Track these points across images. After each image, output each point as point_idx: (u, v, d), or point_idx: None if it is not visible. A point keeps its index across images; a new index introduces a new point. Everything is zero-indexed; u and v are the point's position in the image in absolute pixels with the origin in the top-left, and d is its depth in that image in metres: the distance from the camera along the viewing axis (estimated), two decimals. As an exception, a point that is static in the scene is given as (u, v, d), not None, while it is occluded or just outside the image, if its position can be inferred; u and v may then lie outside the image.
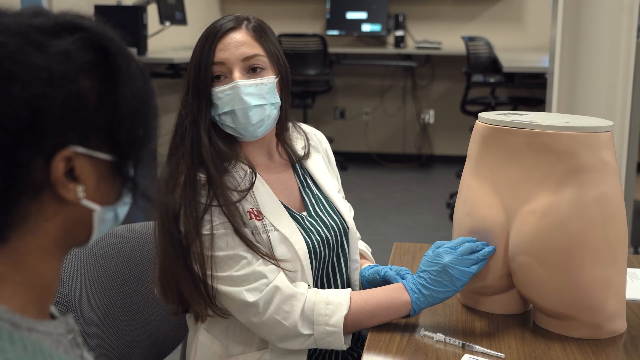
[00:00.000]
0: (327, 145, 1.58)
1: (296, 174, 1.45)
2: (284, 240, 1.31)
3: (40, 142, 0.66)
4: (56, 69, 0.66)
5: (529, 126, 1.25)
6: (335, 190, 1.50)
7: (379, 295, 1.29)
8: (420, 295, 1.27)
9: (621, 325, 1.28)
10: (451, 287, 1.26)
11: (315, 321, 1.26)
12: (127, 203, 0.76)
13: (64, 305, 1.24)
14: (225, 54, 1.30)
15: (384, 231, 4.31)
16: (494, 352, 1.19)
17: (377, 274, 1.39)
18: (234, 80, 1.30)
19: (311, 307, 1.27)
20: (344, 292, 1.29)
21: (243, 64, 1.31)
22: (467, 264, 1.26)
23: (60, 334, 0.73)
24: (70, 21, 0.70)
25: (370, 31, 6.30)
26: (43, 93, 0.65)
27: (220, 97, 1.30)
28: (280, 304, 1.26)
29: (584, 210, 1.21)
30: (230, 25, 1.32)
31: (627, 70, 2.65)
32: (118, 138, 0.70)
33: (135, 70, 0.72)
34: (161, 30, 4.78)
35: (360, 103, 6.53)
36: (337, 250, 1.43)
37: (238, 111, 1.30)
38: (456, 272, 1.25)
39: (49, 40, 0.67)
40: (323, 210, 1.43)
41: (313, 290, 1.30)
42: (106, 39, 0.70)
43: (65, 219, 0.70)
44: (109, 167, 0.71)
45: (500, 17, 6.21)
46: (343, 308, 1.26)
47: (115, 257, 1.42)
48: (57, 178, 0.67)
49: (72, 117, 0.67)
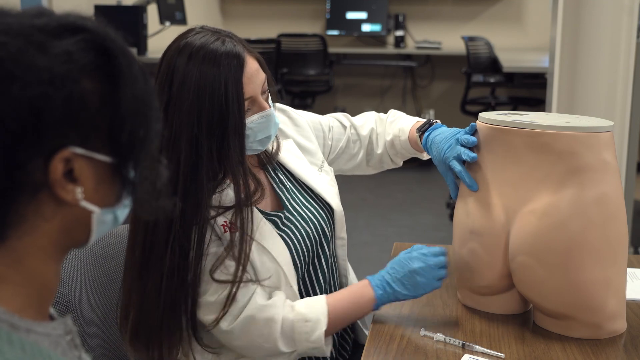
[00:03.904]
0: (295, 116, 1.54)
1: (267, 172, 1.43)
2: (262, 250, 1.30)
3: (40, 143, 0.66)
4: (57, 70, 0.66)
5: (529, 126, 1.25)
6: (314, 171, 1.47)
7: (345, 298, 1.33)
8: (385, 292, 1.31)
9: (621, 325, 1.28)
10: (412, 293, 1.31)
11: (296, 339, 1.28)
12: (127, 205, 0.75)
13: (64, 305, 1.24)
14: (252, 87, 1.27)
15: (384, 231, 4.31)
16: (494, 352, 1.19)
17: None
18: (265, 110, 1.30)
19: (290, 326, 1.28)
20: (320, 304, 1.30)
21: (261, 90, 1.30)
22: (435, 276, 1.31)
23: (59, 335, 0.73)
24: (72, 22, 0.69)
25: (370, 31, 6.30)
26: (43, 93, 0.65)
27: (251, 127, 1.29)
28: (256, 330, 1.27)
29: (584, 210, 1.21)
30: (241, 50, 1.26)
31: (627, 70, 2.65)
32: (119, 140, 0.70)
33: (137, 72, 0.72)
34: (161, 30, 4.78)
35: (360, 103, 6.53)
36: (321, 239, 1.42)
37: (272, 135, 1.33)
38: (422, 281, 1.30)
39: (51, 41, 0.67)
40: (300, 203, 1.42)
41: (288, 306, 1.29)
42: (108, 40, 0.70)
43: (63, 219, 0.70)
44: (109, 169, 0.71)
45: (500, 17, 6.21)
46: (322, 324, 1.28)
47: (115, 257, 1.42)
48: (55, 179, 0.67)
49: (73, 118, 0.67)
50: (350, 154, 1.60)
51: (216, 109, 1.22)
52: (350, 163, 1.61)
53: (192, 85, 1.22)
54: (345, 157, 1.60)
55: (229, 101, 1.23)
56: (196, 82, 1.22)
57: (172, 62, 1.24)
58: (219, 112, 1.22)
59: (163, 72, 1.25)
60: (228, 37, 1.28)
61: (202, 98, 1.22)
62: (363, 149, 1.59)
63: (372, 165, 1.62)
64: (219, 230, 1.27)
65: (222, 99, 1.22)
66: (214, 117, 1.22)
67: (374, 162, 1.61)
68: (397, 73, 6.43)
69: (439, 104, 6.40)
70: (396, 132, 1.56)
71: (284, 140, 1.47)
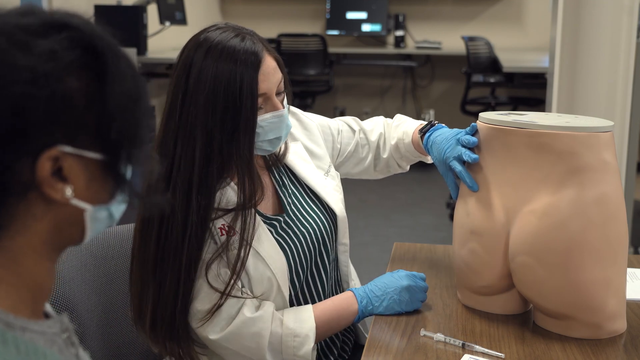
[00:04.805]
0: (305, 120, 1.54)
1: (272, 174, 1.43)
2: (257, 255, 1.30)
3: (26, 142, 0.65)
4: (41, 69, 0.65)
5: (529, 126, 1.25)
6: (320, 176, 1.47)
7: (329, 308, 1.35)
8: (367, 305, 1.35)
9: (621, 325, 1.28)
10: (397, 308, 1.34)
11: (284, 352, 1.29)
12: (123, 202, 0.75)
13: (63, 305, 1.24)
14: (267, 84, 1.27)
15: (385, 232, 4.31)
16: (494, 352, 1.19)
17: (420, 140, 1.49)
18: (278, 109, 1.30)
19: (278, 340, 1.28)
20: (309, 319, 1.31)
21: (276, 89, 1.30)
22: (419, 297, 1.36)
23: (55, 333, 0.72)
24: (58, 20, 0.69)
25: (370, 31, 6.31)
26: (26, 93, 0.64)
27: (262, 125, 1.29)
28: (243, 342, 1.27)
29: (584, 210, 1.21)
30: (259, 49, 1.28)
31: (627, 70, 2.65)
32: (108, 137, 0.69)
33: (125, 68, 0.71)
34: (161, 30, 4.78)
35: (360, 103, 6.53)
36: (321, 246, 1.42)
37: (282, 136, 1.33)
38: (406, 298, 1.34)
39: (35, 40, 0.66)
40: (301, 208, 1.41)
41: (277, 319, 1.29)
42: (94, 38, 0.69)
43: (55, 218, 0.70)
44: (100, 166, 0.70)
45: (500, 17, 6.21)
46: (310, 340, 1.29)
47: (115, 257, 1.42)
48: (43, 178, 0.66)
49: (59, 117, 0.66)
50: (359, 158, 1.60)
51: (230, 103, 1.23)
52: (358, 167, 1.62)
53: (208, 79, 1.23)
54: (353, 161, 1.61)
55: (243, 96, 1.24)
56: (212, 75, 1.23)
57: (190, 56, 1.26)
58: (233, 106, 1.23)
59: (181, 65, 1.27)
60: (249, 34, 1.29)
61: (217, 91, 1.23)
62: (371, 153, 1.60)
63: (379, 170, 1.63)
64: (215, 233, 1.27)
65: (237, 93, 1.23)
66: (227, 110, 1.23)
67: (381, 166, 1.62)
68: (397, 73, 6.43)
69: (439, 104, 6.40)
70: (400, 136, 1.56)
71: (292, 143, 1.47)
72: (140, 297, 1.28)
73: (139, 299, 1.28)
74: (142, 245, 1.27)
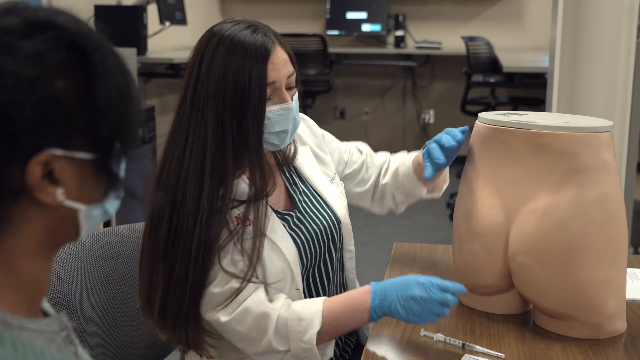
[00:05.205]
0: (315, 127, 1.57)
1: (282, 172, 1.44)
2: (272, 245, 1.31)
3: (15, 148, 0.64)
4: (26, 73, 0.63)
5: (529, 126, 1.25)
6: (326, 181, 1.49)
7: (343, 300, 1.28)
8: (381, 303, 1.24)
9: (621, 325, 1.28)
10: (404, 317, 1.22)
11: (290, 337, 1.27)
12: (118, 197, 0.74)
13: (63, 305, 1.24)
14: (276, 74, 1.29)
15: (384, 231, 4.31)
16: (494, 352, 1.19)
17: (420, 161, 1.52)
18: (287, 102, 1.31)
19: (284, 324, 1.26)
20: (317, 305, 1.27)
21: (286, 82, 1.31)
22: (432, 310, 1.21)
23: (53, 331, 0.72)
24: (41, 19, 0.67)
25: (370, 31, 6.30)
26: (13, 99, 0.63)
27: (270, 117, 1.30)
28: (251, 324, 1.26)
29: (584, 210, 1.21)
30: (270, 41, 1.30)
31: (627, 70, 2.65)
32: (99, 135, 0.68)
33: (113, 66, 0.70)
34: (161, 30, 4.77)
35: (360, 103, 6.53)
36: (329, 244, 1.43)
37: (289, 130, 1.33)
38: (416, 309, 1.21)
39: (19, 42, 0.64)
40: (312, 206, 1.43)
41: (285, 304, 1.28)
42: (80, 36, 0.68)
43: (49, 220, 0.69)
44: (92, 166, 0.70)
45: (500, 17, 6.21)
46: (315, 324, 1.25)
47: (115, 257, 1.42)
48: (33, 183, 0.65)
49: (48, 120, 0.65)
50: (363, 177, 1.63)
51: (239, 90, 1.26)
52: (358, 188, 1.63)
53: (218, 68, 1.26)
54: (357, 179, 1.63)
55: (251, 84, 1.26)
56: (222, 64, 1.26)
57: (203, 46, 1.29)
58: (241, 93, 1.26)
59: (194, 55, 1.30)
60: (261, 27, 1.31)
61: (227, 79, 1.26)
62: (374, 176, 1.63)
63: (376, 201, 1.65)
64: (231, 222, 1.28)
65: (246, 81, 1.26)
66: (236, 98, 1.26)
67: (378, 195, 1.64)
68: (397, 73, 6.43)
69: (439, 104, 6.40)
70: (402, 159, 1.62)
71: (301, 147, 1.49)
72: (150, 283, 1.28)
73: (148, 285, 1.28)
74: (153, 232, 1.27)
